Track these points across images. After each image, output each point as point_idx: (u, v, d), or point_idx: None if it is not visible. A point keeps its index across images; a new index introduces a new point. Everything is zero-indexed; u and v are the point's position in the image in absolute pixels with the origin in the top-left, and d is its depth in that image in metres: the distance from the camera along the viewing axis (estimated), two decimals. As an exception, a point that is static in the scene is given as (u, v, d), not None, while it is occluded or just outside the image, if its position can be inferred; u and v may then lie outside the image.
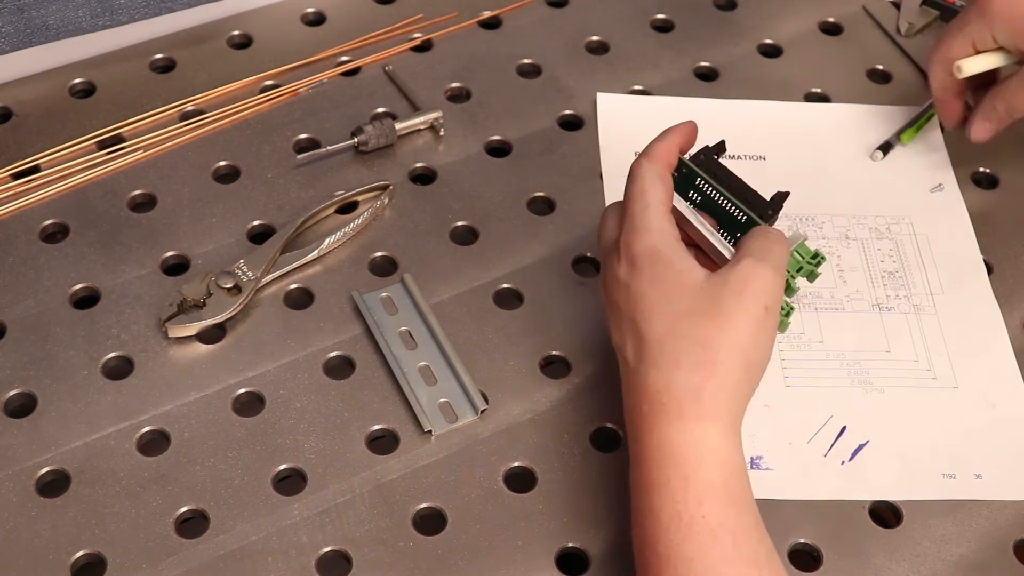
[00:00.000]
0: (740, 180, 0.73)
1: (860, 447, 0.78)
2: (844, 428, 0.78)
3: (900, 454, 0.78)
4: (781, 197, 0.72)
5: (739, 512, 0.64)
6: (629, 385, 0.69)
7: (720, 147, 0.74)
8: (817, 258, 0.72)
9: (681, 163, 0.73)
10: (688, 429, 0.65)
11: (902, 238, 0.89)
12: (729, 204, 0.72)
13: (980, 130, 0.88)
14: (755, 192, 0.73)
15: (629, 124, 0.93)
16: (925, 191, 0.91)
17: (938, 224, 0.90)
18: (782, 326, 0.71)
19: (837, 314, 0.84)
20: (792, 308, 0.71)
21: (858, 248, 0.88)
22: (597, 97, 0.94)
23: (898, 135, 0.94)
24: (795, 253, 0.71)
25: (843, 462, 0.77)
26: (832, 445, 0.78)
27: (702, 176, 0.73)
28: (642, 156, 0.72)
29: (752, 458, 0.76)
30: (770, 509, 0.75)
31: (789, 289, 0.71)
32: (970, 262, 0.88)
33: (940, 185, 0.91)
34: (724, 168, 0.73)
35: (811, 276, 0.73)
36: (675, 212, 0.72)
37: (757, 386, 0.69)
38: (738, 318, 0.66)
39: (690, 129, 0.74)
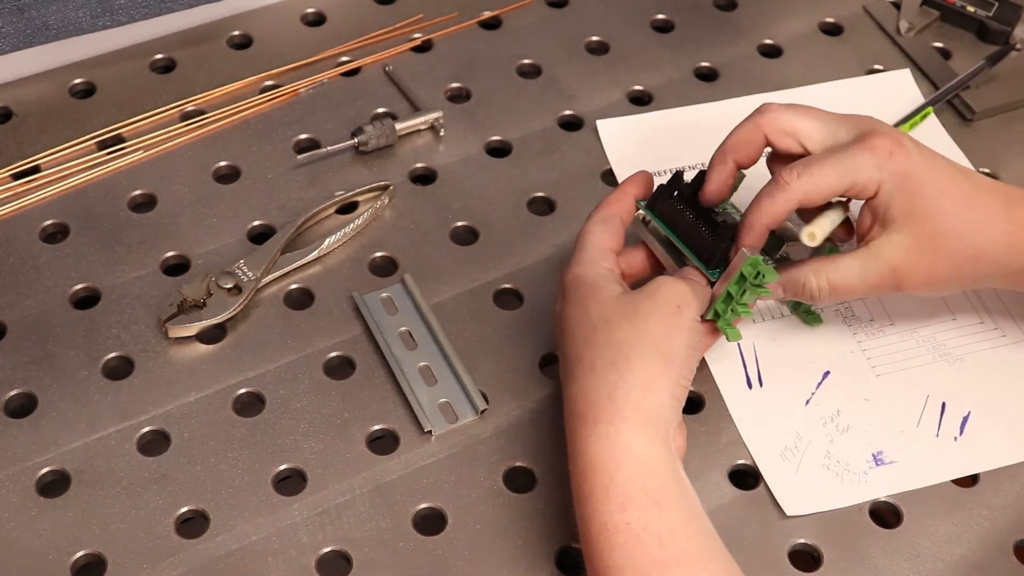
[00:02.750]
0: (691, 220, 0.75)
1: (965, 419, 0.79)
2: (944, 404, 0.79)
3: (1002, 417, 0.79)
4: (728, 232, 0.74)
5: (662, 512, 0.64)
6: (564, 409, 0.70)
7: (675, 181, 0.76)
8: (759, 277, 0.72)
9: (641, 209, 0.77)
10: (603, 434, 0.65)
11: None
12: (683, 246, 0.75)
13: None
14: (707, 230, 0.74)
15: (634, 144, 0.93)
16: None
17: None
18: (732, 334, 0.73)
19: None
20: (749, 313, 0.73)
21: None
22: (597, 124, 0.94)
23: None
24: (743, 270, 0.72)
25: (955, 438, 0.78)
26: (940, 424, 0.78)
27: (655, 219, 0.76)
28: (593, 210, 0.76)
29: (874, 455, 0.77)
30: (770, 509, 0.75)
31: (740, 305, 0.72)
32: None
33: None
34: (676, 208, 0.75)
35: (754, 291, 0.73)
36: (650, 252, 0.77)
37: (685, 378, 0.68)
38: (651, 316, 0.68)
39: (642, 178, 0.77)
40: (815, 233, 0.73)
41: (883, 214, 0.72)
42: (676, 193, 0.76)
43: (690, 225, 0.75)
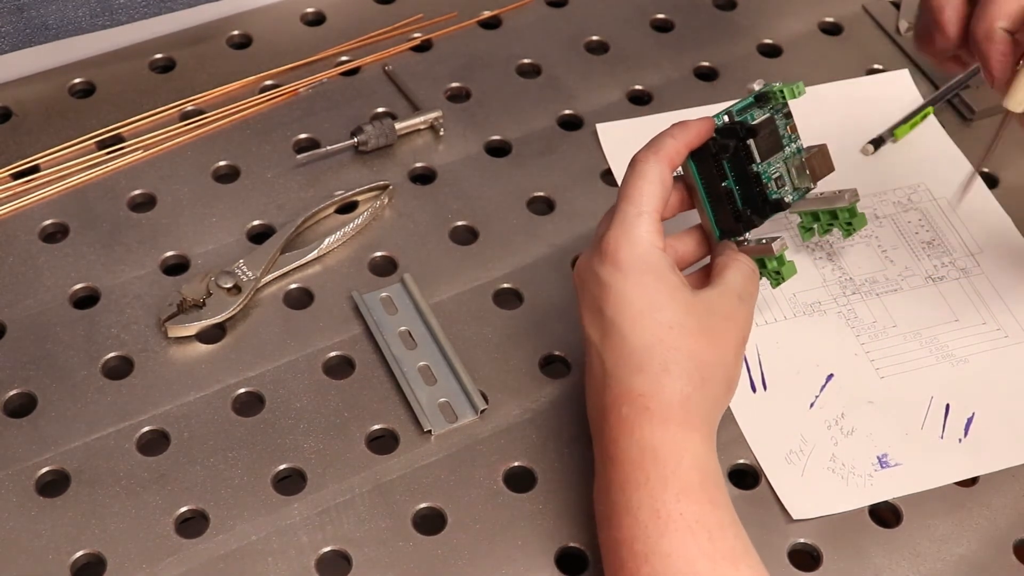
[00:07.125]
0: (724, 190, 0.74)
1: (969, 421, 0.79)
2: (948, 406, 0.79)
3: (1006, 419, 0.79)
4: (747, 223, 0.75)
5: (715, 508, 0.66)
6: (603, 386, 0.69)
7: (727, 133, 0.74)
8: (778, 275, 0.75)
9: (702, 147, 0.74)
10: (672, 434, 0.67)
11: (925, 206, 0.90)
12: (706, 205, 0.75)
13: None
14: (733, 208, 0.75)
15: (635, 147, 0.92)
16: (929, 159, 0.92)
17: (951, 184, 0.91)
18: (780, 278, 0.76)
19: (897, 295, 0.85)
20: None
21: (891, 225, 0.88)
22: (597, 128, 0.93)
23: (891, 131, 0.94)
24: (766, 259, 0.75)
25: (960, 440, 0.78)
26: (944, 425, 0.78)
27: (692, 168, 0.74)
28: (650, 151, 0.72)
29: (879, 457, 0.77)
30: (770, 509, 0.75)
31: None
32: (991, 213, 0.89)
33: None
34: (715, 169, 0.74)
35: (774, 280, 0.76)
36: (679, 178, 0.75)
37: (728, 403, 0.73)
38: (727, 341, 0.70)
39: (706, 129, 0.73)
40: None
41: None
42: (726, 146, 0.73)
43: (722, 194, 0.75)
